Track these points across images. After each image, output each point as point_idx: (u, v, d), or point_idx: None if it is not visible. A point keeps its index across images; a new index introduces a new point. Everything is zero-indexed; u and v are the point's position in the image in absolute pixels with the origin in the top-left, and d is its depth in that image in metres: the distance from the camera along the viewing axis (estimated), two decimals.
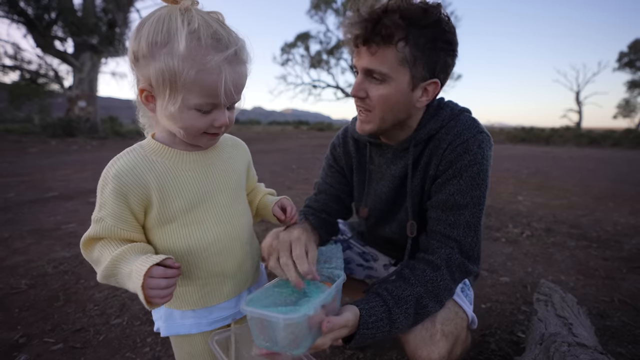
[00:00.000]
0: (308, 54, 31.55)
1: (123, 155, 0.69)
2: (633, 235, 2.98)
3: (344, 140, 1.22)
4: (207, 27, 0.60)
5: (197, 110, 0.64)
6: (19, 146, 10.00)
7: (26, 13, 13.35)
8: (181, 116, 0.64)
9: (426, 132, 0.99)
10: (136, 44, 0.61)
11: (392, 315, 0.84)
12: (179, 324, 0.79)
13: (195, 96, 0.62)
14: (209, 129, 0.67)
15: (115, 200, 0.66)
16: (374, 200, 1.16)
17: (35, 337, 1.52)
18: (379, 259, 1.38)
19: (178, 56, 0.59)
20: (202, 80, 0.60)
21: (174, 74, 0.59)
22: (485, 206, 0.96)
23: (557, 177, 6.31)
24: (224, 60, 0.61)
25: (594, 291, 1.99)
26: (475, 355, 1.42)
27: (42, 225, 3.08)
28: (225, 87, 0.62)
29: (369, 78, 0.90)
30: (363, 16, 0.85)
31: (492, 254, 2.58)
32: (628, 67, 33.91)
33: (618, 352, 1.43)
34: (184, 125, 0.65)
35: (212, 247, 0.75)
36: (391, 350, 1.44)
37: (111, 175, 0.66)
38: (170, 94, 0.61)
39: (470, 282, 1.10)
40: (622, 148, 14.83)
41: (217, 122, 0.66)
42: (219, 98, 0.63)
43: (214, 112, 0.66)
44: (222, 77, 0.61)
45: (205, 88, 0.61)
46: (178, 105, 0.62)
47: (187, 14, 0.59)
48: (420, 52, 0.85)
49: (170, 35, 0.59)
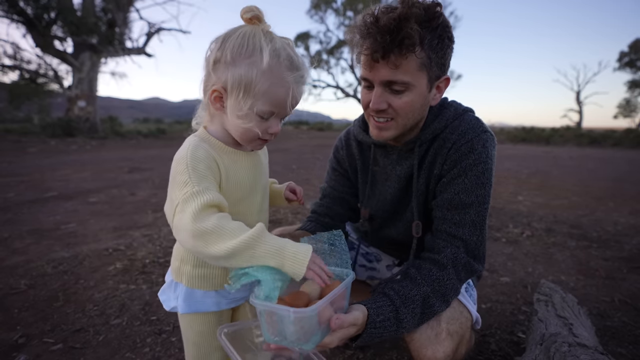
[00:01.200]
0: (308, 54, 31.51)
1: (198, 144, 0.75)
2: (633, 235, 2.98)
3: (346, 142, 1.22)
4: (284, 49, 0.71)
5: (259, 116, 0.73)
6: (18, 146, 10.00)
7: (25, 13, 13.35)
8: (247, 118, 0.73)
9: (431, 132, 0.99)
10: (220, 52, 0.71)
11: (400, 315, 0.84)
12: (200, 302, 0.84)
13: (263, 103, 0.72)
14: (263, 135, 0.76)
15: (209, 176, 0.72)
16: (378, 201, 1.16)
17: (35, 337, 1.52)
18: (382, 260, 1.37)
19: (259, 68, 0.69)
20: (274, 92, 0.71)
21: (251, 82, 0.70)
22: (490, 205, 0.97)
23: (558, 177, 6.31)
24: (294, 79, 0.72)
25: (595, 291, 1.98)
26: (475, 355, 1.42)
27: (41, 225, 3.07)
28: (291, 101, 0.74)
29: (388, 89, 0.89)
30: (379, 28, 0.81)
31: (493, 254, 2.57)
32: (628, 67, 33.91)
33: (618, 352, 1.43)
34: (247, 127, 0.74)
35: None
36: (391, 350, 1.44)
37: (200, 156, 0.72)
38: (242, 97, 0.71)
39: (473, 282, 1.10)
40: (623, 148, 14.83)
41: (272, 129, 0.76)
42: (283, 110, 0.74)
43: (271, 120, 0.75)
44: (290, 92, 0.72)
45: (274, 99, 0.72)
46: (247, 108, 0.71)
47: (269, 34, 0.71)
48: (434, 52, 0.86)
49: (254, 50, 0.69)
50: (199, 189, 0.68)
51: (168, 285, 0.89)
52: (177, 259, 0.86)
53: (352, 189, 1.23)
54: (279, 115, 0.76)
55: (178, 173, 0.71)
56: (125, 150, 10.17)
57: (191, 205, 0.66)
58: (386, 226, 1.19)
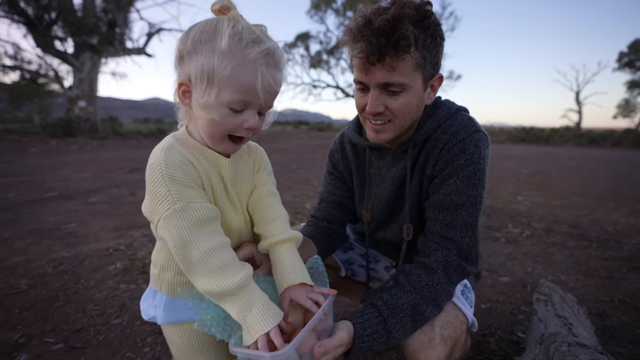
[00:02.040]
0: (308, 54, 31.53)
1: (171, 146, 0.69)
2: (633, 235, 2.98)
3: (341, 145, 1.21)
4: (250, 31, 0.65)
5: (229, 109, 0.66)
6: (19, 146, 10.00)
7: (26, 13, 13.36)
8: (214, 111, 0.66)
9: (424, 132, 0.99)
10: (183, 43, 0.66)
11: (388, 326, 0.83)
12: (181, 312, 0.78)
13: (229, 92, 0.64)
14: (236, 131, 0.69)
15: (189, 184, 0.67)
16: (374, 203, 1.16)
17: (36, 337, 1.52)
18: (381, 261, 1.37)
19: (219, 51, 0.62)
20: (239, 75, 0.63)
21: (212, 68, 0.63)
22: (483, 206, 0.96)
23: (557, 177, 6.31)
24: (262, 57, 0.64)
25: (594, 291, 1.99)
26: (475, 355, 1.42)
27: (42, 225, 3.08)
28: (261, 84, 0.64)
29: (384, 91, 0.88)
30: (374, 30, 0.80)
31: (492, 254, 2.58)
32: (628, 67, 33.89)
33: (618, 352, 1.43)
34: (215, 120, 0.66)
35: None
36: (391, 351, 1.44)
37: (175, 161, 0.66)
38: (206, 86, 0.64)
39: (472, 285, 1.09)
40: (622, 148, 14.83)
41: (247, 123, 0.68)
42: (253, 96, 0.65)
43: (245, 113, 0.67)
44: (258, 74, 0.64)
45: (241, 84, 0.64)
46: (212, 98, 0.64)
47: (235, 19, 0.65)
48: (428, 52, 0.86)
49: (215, 34, 0.63)
50: (181, 206, 0.63)
51: (148, 293, 0.84)
52: (156, 266, 0.80)
53: (349, 192, 1.23)
54: (254, 106, 0.68)
55: (155, 183, 0.65)
56: (126, 151, 10.17)
57: (175, 224, 0.63)
58: (382, 228, 1.19)
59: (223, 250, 0.66)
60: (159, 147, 0.69)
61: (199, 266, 0.64)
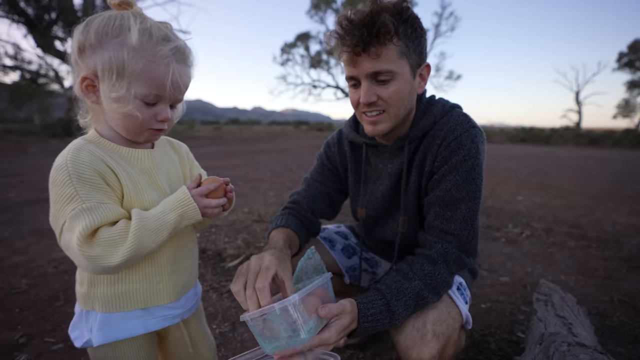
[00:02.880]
0: (308, 54, 31.55)
1: (81, 147, 0.66)
2: (632, 235, 2.98)
3: (339, 140, 1.23)
4: (158, 29, 0.65)
5: (142, 101, 0.66)
6: (19, 146, 10.00)
7: (26, 13, 13.38)
8: (128, 103, 0.65)
9: (419, 129, 1.01)
10: (83, 36, 0.64)
11: (392, 307, 0.86)
12: (119, 328, 0.73)
13: (141, 85, 0.64)
14: (151, 123, 0.69)
15: (99, 184, 0.64)
16: (370, 199, 1.17)
17: (36, 336, 1.52)
18: (381, 265, 1.38)
19: (129, 47, 0.62)
20: (151, 71, 0.64)
21: (122, 62, 0.62)
22: (481, 200, 0.98)
23: (557, 177, 6.32)
24: (172, 54, 0.65)
25: (594, 291, 1.99)
26: (474, 355, 1.42)
27: (42, 225, 3.08)
28: (172, 80, 0.65)
29: (374, 81, 0.92)
30: (355, 24, 0.86)
31: (492, 253, 2.58)
32: (627, 68, 33.93)
33: (618, 351, 1.43)
34: (125, 111, 0.65)
35: (167, 244, 0.74)
36: (391, 350, 1.45)
37: (84, 160, 0.63)
38: (116, 80, 0.63)
39: (468, 283, 1.10)
40: (622, 148, 14.84)
41: (160, 116, 0.69)
42: (165, 90, 0.66)
43: (158, 106, 0.68)
44: (170, 69, 0.65)
45: (153, 79, 0.65)
46: (124, 91, 0.63)
47: (140, 16, 0.65)
48: (410, 41, 0.91)
49: (122, 29, 0.63)
50: (89, 205, 0.61)
51: (78, 318, 0.75)
52: (83, 284, 0.73)
53: (339, 186, 1.25)
54: (166, 100, 0.69)
55: (60, 184, 0.62)
56: None
57: (80, 224, 0.59)
58: (380, 226, 1.20)
59: (114, 224, 0.64)
60: (66, 149, 0.66)
61: (105, 252, 0.61)
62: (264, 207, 3.77)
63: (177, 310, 0.80)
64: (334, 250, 1.33)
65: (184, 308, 0.82)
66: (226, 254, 2.42)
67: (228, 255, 2.41)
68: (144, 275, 0.74)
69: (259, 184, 5.24)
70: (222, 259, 2.36)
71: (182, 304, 0.82)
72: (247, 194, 4.49)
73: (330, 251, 1.32)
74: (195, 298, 0.87)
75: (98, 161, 0.65)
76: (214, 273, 2.16)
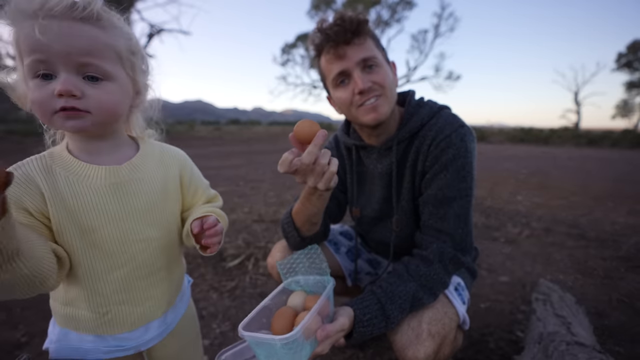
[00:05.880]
0: (308, 55, 31.54)
1: (33, 159, 0.63)
2: (631, 235, 2.99)
3: (336, 144, 1.26)
4: None
5: (36, 78, 0.56)
6: (20, 147, 9.99)
7: None
8: (24, 87, 0.57)
9: (407, 130, 1.03)
10: None
11: (386, 312, 0.87)
12: (73, 348, 0.69)
13: (24, 57, 0.55)
14: (53, 102, 0.56)
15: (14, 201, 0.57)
16: (366, 201, 1.19)
17: (37, 336, 1.52)
18: (383, 266, 1.38)
19: (6, 20, 0.54)
20: (22, 34, 0.54)
21: (15, 40, 0.55)
22: (473, 197, 1.00)
23: (556, 177, 6.33)
24: (40, 7, 0.53)
25: (593, 290, 2.00)
26: (474, 355, 1.43)
27: None
28: (44, 35, 0.53)
29: (365, 68, 0.97)
30: (334, 22, 0.93)
31: (491, 253, 2.59)
32: (626, 68, 34.00)
33: (616, 351, 1.44)
34: (31, 100, 0.57)
35: (112, 274, 0.67)
36: (391, 350, 1.45)
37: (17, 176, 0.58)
38: (19, 61, 0.56)
39: (467, 284, 1.11)
40: (621, 148, 14.86)
41: (56, 89, 0.55)
42: (42, 51, 0.54)
43: (57, 79, 0.56)
44: (38, 21, 0.52)
45: (27, 41, 0.54)
46: (20, 73, 0.57)
47: None
48: (377, 43, 1.00)
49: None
50: None
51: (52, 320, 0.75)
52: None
53: (342, 187, 1.27)
54: (60, 67, 0.56)
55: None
56: None
57: None
58: (377, 226, 1.22)
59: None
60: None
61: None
62: (264, 207, 3.77)
63: (130, 342, 0.73)
64: (339, 253, 1.34)
65: (141, 340, 0.74)
66: (226, 254, 2.43)
67: (228, 255, 2.42)
68: (89, 304, 0.68)
69: (259, 184, 5.25)
70: (222, 259, 2.36)
71: (139, 335, 0.74)
72: (248, 194, 4.50)
73: (335, 255, 1.33)
74: (160, 329, 0.78)
75: (28, 179, 0.59)
76: (214, 273, 2.16)
